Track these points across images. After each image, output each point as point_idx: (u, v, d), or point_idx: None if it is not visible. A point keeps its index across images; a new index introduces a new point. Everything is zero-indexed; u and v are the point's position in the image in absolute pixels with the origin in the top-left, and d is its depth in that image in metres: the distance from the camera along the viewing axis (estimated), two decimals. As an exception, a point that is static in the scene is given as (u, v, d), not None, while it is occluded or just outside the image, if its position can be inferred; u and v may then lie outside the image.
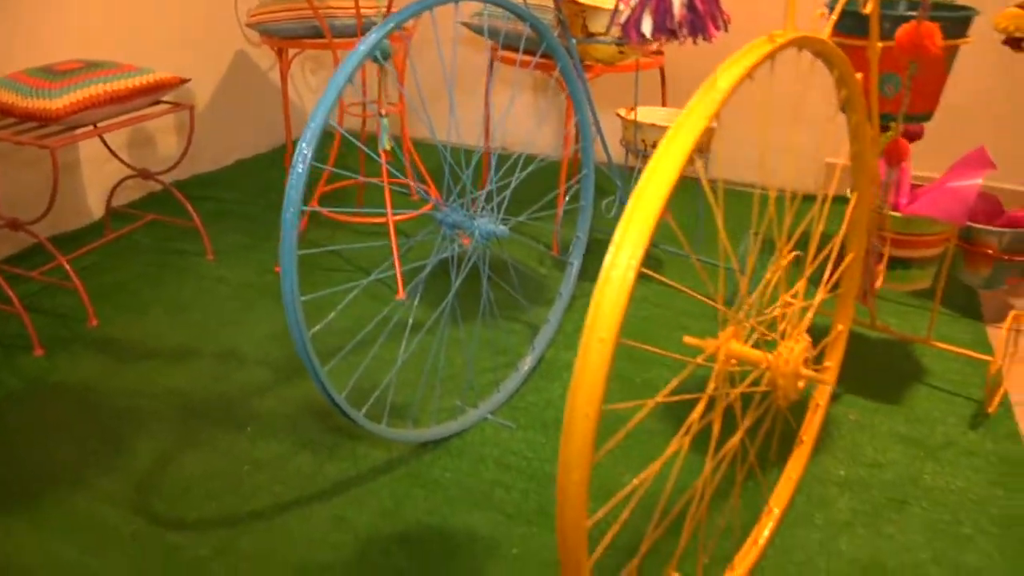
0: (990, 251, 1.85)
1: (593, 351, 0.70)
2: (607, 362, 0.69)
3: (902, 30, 0.92)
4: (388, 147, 1.48)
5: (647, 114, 2.01)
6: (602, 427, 0.69)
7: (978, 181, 1.44)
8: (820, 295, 1.07)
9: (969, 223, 1.86)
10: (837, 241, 1.09)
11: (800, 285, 1.05)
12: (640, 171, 2.04)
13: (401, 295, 1.96)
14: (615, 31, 1.10)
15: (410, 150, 2.24)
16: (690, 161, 0.73)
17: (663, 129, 1.83)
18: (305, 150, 1.09)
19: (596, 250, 2.18)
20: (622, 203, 2.03)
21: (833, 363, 1.32)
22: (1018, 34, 1.61)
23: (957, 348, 1.63)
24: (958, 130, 2.47)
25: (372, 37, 1.15)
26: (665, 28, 1.03)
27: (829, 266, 1.09)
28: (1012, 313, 1.56)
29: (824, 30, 0.96)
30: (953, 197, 1.43)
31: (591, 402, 0.69)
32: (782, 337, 1.01)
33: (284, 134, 2.62)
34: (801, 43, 0.91)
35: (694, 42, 1.05)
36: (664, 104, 2.33)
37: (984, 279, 1.89)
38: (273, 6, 2.17)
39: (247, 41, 2.83)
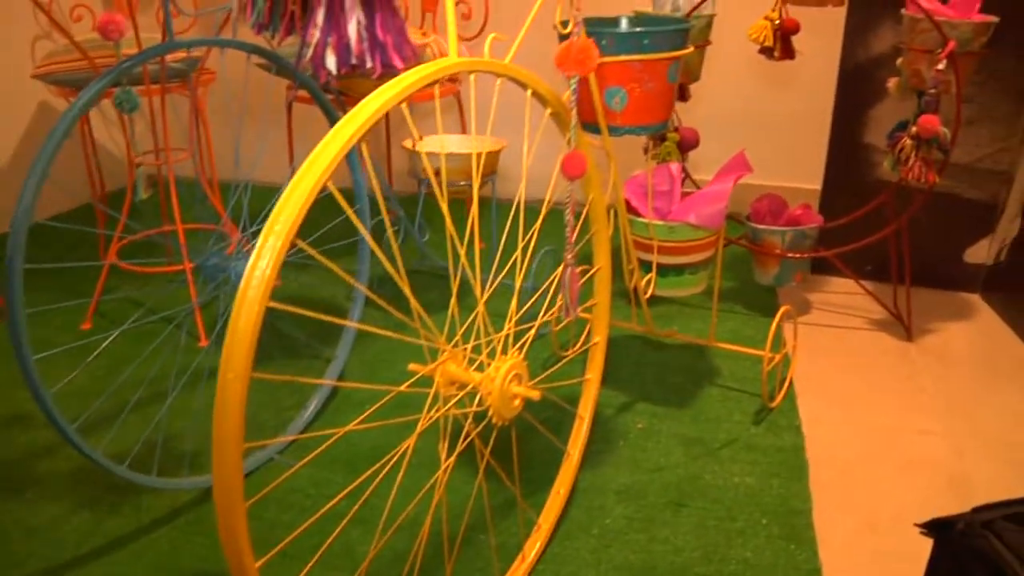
0: (776, 250, 1.92)
1: (228, 389, 0.69)
2: (240, 397, 0.69)
3: (561, 48, 0.95)
4: (144, 196, 1.45)
5: (438, 143, 2.03)
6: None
7: (729, 186, 1.49)
8: (543, 316, 1.09)
9: (755, 224, 1.93)
10: (568, 257, 1.11)
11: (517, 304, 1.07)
12: (421, 201, 2.06)
13: (204, 342, 1.92)
14: (305, 66, 1.11)
15: (208, 194, 2.21)
16: (479, 184, 0.74)
17: (448, 156, 1.85)
18: (19, 224, 1.05)
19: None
20: (407, 234, 2.04)
21: (594, 375, 1.34)
22: (767, 43, 1.68)
23: (734, 346, 1.68)
24: (738, 135, 2.59)
25: (83, 98, 1.12)
26: (349, 62, 1.03)
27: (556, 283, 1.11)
28: (781, 309, 1.61)
29: (508, 55, 0.98)
30: (708, 203, 1.48)
31: (231, 441, 0.68)
32: (495, 355, 1.02)
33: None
34: (471, 67, 0.92)
35: (380, 75, 1.06)
36: (464, 132, 2.35)
37: (774, 277, 1.96)
38: (60, 56, 2.11)
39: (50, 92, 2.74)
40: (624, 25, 1.36)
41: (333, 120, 1.58)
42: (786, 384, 1.73)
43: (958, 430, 1.60)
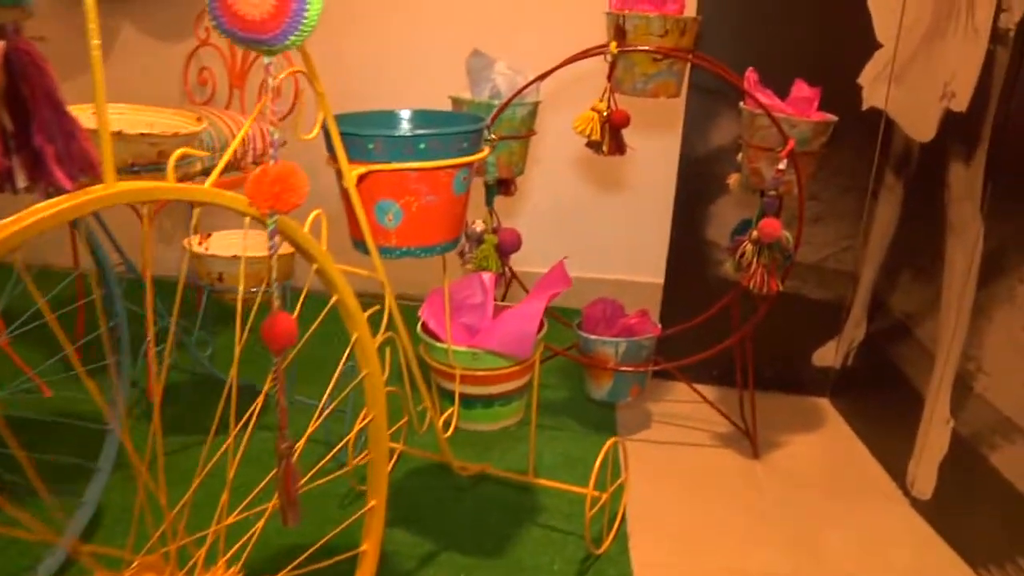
0: (609, 364, 1.73)
1: None
2: None
3: (253, 176, 0.71)
4: None
5: (223, 242, 1.76)
6: None
7: (540, 307, 1.28)
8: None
9: (585, 334, 1.73)
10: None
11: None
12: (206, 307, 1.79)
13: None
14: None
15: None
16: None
17: (228, 260, 1.58)
18: None
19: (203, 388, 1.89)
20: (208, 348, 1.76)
21: (370, 547, 1.09)
22: (594, 137, 1.50)
23: (557, 484, 1.46)
24: (573, 229, 2.44)
25: None
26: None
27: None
28: (608, 443, 1.40)
29: (211, 176, 0.74)
30: (515, 329, 1.27)
31: None
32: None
33: None
34: (141, 196, 0.68)
35: (46, 191, 0.80)
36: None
37: (607, 392, 1.77)
38: None
39: None
40: (404, 122, 1.14)
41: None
42: (617, 521, 1.51)
43: (804, 568, 1.42)
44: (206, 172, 1.85)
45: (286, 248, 1.62)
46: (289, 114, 2.10)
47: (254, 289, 1.64)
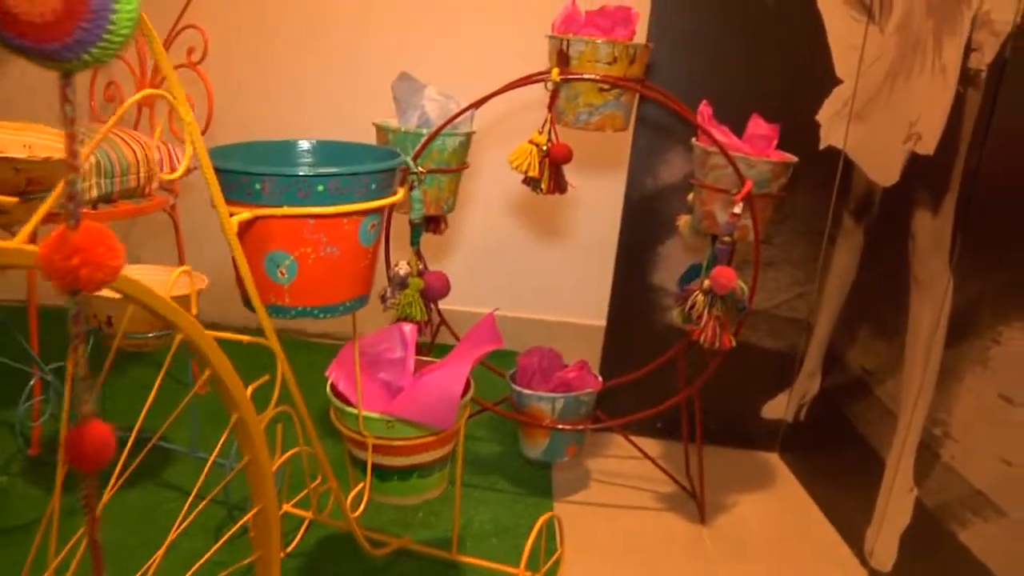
0: (545, 421, 1.57)
1: None
2: None
3: (45, 245, 0.53)
4: None
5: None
6: None
7: (465, 371, 1.12)
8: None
9: (519, 388, 1.57)
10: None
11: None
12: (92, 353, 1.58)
13: None
14: None
15: None
16: None
17: (116, 302, 1.39)
18: None
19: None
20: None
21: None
22: (531, 173, 1.34)
23: (483, 562, 1.28)
24: (510, 268, 2.29)
25: None
26: None
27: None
28: (540, 520, 1.24)
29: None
30: (436, 396, 1.10)
31: None
32: None
33: None
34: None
35: None
36: (181, 258, 1.90)
37: (543, 451, 1.61)
38: None
39: None
40: (303, 156, 0.96)
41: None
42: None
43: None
44: (105, 199, 1.66)
45: (182, 289, 1.43)
46: (205, 132, 1.91)
47: (150, 335, 1.45)
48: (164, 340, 1.48)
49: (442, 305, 1.65)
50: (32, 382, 1.60)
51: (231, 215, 0.79)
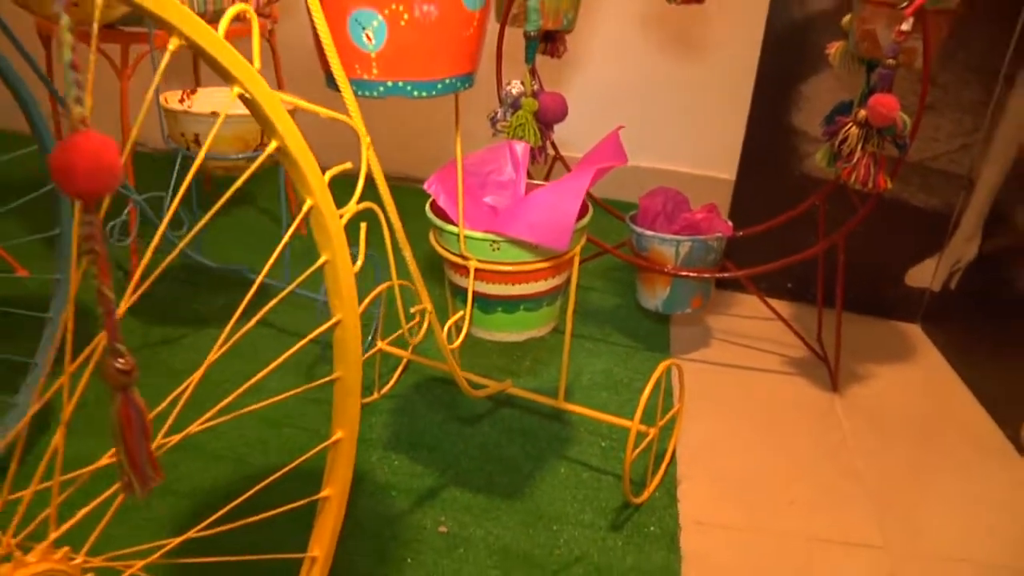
0: (668, 266, 1.41)
1: None
2: None
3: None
4: None
5: (210, 100, 1.47)
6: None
7: (585, 185, 0.97)
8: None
9: (641, 229, 1.41)
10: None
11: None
12: (179, 175, 1.49)
13: None
14: None
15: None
16: None
17: (209, 119, 1.28)
18: None
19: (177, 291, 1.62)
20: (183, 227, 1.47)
21: (334, 492, 0.80)
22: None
23: (593, 413, 1.15)
24: (628, 108, 2.09)
25: None
26: None
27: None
28: (664, 362, 1.10)
29: None
30: (550, 212, 0.95)
31: None
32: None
33: None
34: None
35: None
36: (280, 84, 1.79)
37: (663, 301, 1.46)
38: None
39: None
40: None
41: None
42: (665, 463, 1.22)
43: (894, 541, 1.12)
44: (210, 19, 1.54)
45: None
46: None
47: (239, 156, 1.34)
48: (250, 162, 1.37)
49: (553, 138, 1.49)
50: (127, 209, 1.52)
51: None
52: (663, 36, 2.05)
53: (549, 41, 1.41)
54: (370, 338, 1.39)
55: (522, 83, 1.31)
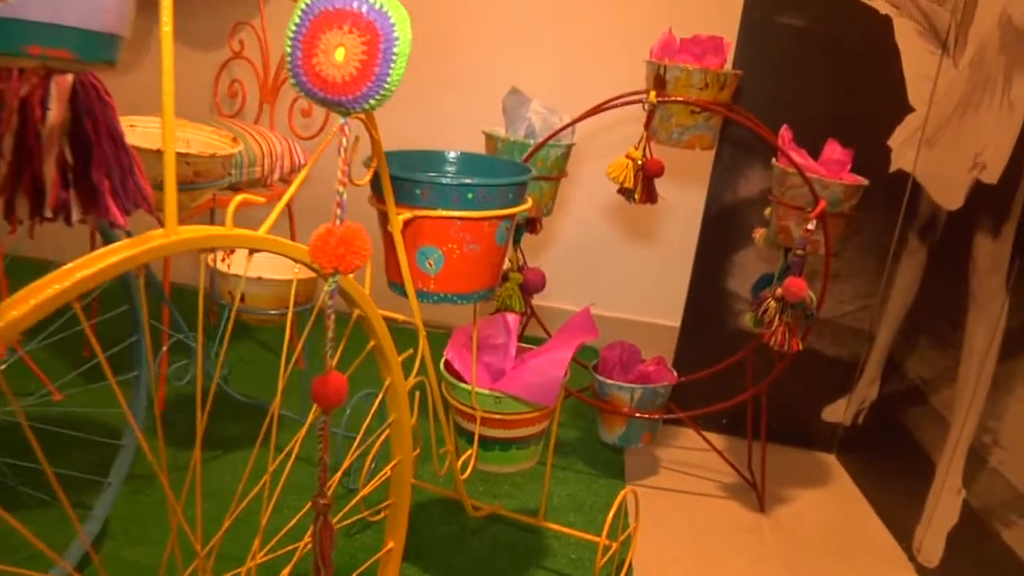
0: (623, 409, 1.73)
1: None
2: None
3: (318, 234, 0.71)
4: None
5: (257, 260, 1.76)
6: None
7: (567, 357, 1.28)
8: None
9: (601, 378, 1.73)
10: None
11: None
12: (225, 328, 1.78)
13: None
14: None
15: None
16: None
17: (253, 281, 1.58)
18: None
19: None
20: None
21: (385, 588, 1.08)
22: (626, 184, 1.50)
23: (567, 530, 1.45)
24: (593, 268, 2.44)
25: None
26: (42, 213, 0.78)
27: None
28: (621, 493, 1.40)
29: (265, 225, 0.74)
30: (541, 377, 1.27)
31: None
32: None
33: None
34: (195, 245, 0.68)
35: (110, 225, 0.80)
36: (294, 239, 2.09)
37: (619, 437, 1.76)
38: None
39: None
40: (449, 165, 1.14)
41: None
42: (624, 570, 1.51)
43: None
44: (233, 188, 1.86)
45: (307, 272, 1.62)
46: (319, 133, 2.11)
47: (275, 312, 1.64)
48: (283, 317, 1.67)
49: (532, 300, 1.82)
50: (164, 348, 1.79)
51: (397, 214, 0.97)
52: (623, 214, 2.43)
53: (529, 223, 1.75)
54: (374, 466, 1.66)
55: (509, 260, 1.65)
